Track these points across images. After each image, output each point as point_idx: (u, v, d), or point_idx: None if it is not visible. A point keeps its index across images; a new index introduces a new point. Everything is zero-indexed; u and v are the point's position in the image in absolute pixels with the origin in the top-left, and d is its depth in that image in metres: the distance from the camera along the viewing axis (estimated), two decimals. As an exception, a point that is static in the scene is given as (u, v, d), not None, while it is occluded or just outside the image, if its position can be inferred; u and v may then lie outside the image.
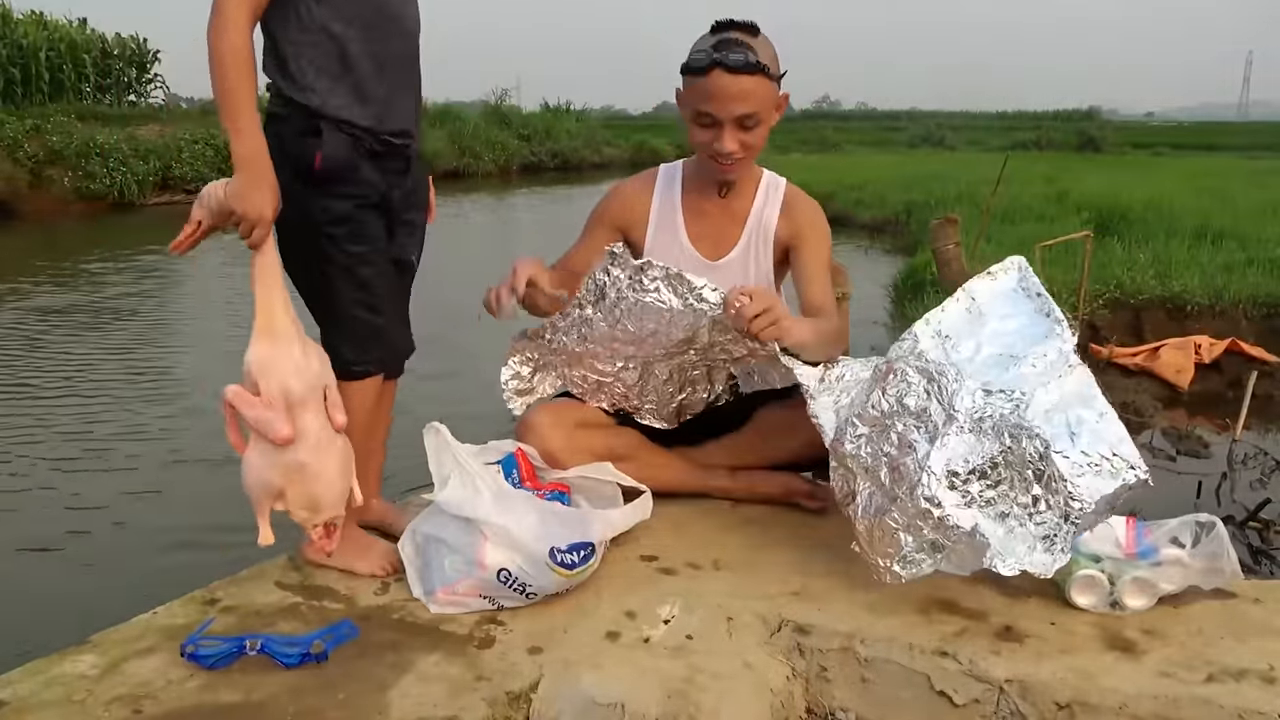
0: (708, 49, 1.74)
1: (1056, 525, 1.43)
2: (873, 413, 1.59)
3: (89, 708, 1.27)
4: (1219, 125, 56.63)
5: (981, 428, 1.49)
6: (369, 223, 1.63)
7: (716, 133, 1.79)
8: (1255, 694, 1.27)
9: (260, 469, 1.43)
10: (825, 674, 1.43)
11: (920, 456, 1.49)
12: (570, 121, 29.35)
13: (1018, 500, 1.45)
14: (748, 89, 1.74)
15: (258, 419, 1.41)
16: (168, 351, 5.94)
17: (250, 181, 1.46)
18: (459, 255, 8.49)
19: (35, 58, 18.37)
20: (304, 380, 1.44)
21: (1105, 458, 1.43)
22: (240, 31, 1.45)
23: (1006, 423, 1.47)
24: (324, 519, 1.49)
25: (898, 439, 1.55)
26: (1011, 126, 38.04)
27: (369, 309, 1.63)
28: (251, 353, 1.44)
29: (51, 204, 13.09)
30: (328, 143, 1.54)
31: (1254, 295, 5.54)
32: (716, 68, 1.72)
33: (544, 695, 1.33)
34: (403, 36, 1.65)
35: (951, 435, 1.49)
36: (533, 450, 1.80)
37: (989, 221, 6.83)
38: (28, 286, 7.85)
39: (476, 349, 5.33)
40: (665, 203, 1.98)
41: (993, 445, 1.47)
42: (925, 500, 1.45)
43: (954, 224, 4.13)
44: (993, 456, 1.46)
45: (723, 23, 1.80)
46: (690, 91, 1.79)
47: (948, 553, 1.47)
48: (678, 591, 1.57)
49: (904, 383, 1.58)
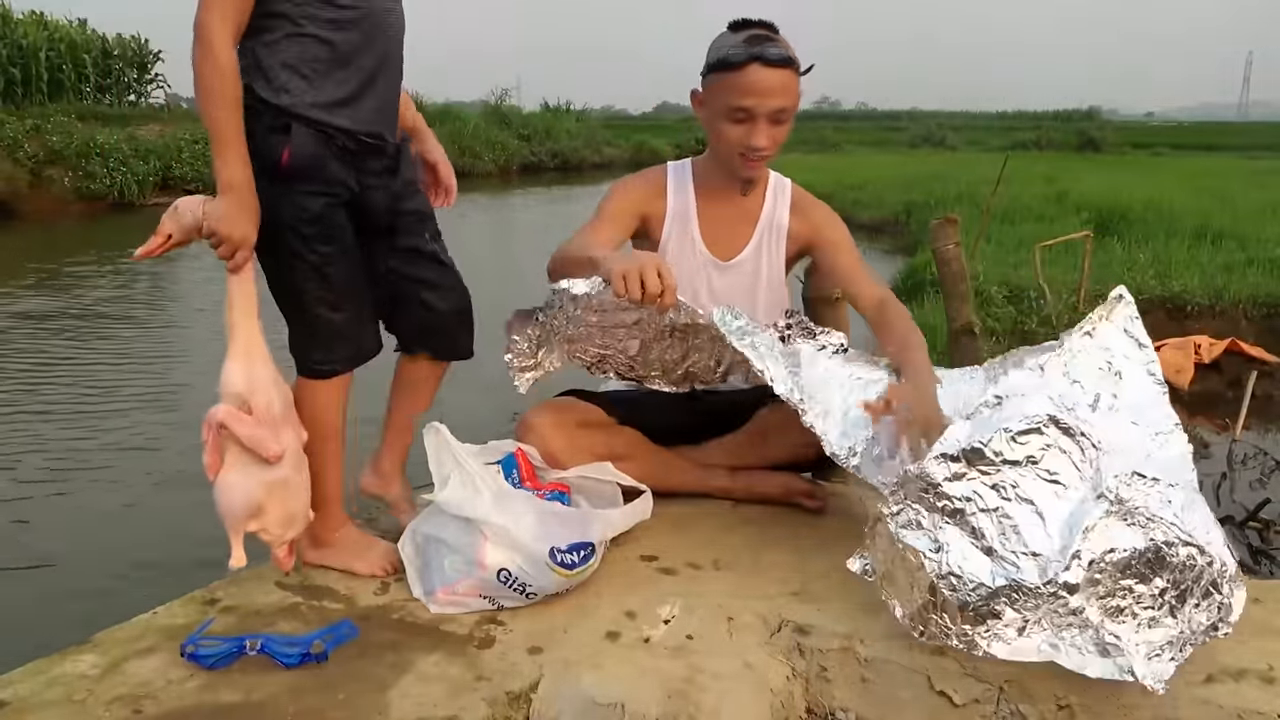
0: (741, 44, 1.73)
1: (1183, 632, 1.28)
2: (985, 450, 1.36)
3: (89, 708, 1.27)
4: (1219, 125, 56.67)
5: (1134, 519, 1.31)
6: (339, 223, 1.61)
7: (750, 128, 1.78)
8: (1255, 694, 1.27)
9: (243, 488, 1.46)
10: (825, 674, 1.43)
11: (1057, 533, 1.31)
12: (570, 121, 29.37)
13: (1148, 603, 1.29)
14: (784, 82, 1.75)
15: (251, 437, 1.45)
16: (167, 358, 5.94)
17: (235, 205, 1.47)
18: (459, 255, 8.43)
19: (35, 58, 18.37)
20: (284, 399, 1.52)
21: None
22: (227, 54, 1.45)
23: (1161, 521, 1.30)
24: (292, 536, 1.55)
25: (1013, 494, 1.34)
26: (1011, 126, 38.07)
27: (332, 308, 1.63)
28: (234, 373, 1.48)
29: (51, 204, 13.09)
30: (295, 139, 1.54)
31: (1254, 295, 5.55)
32: (754, 62, 1.72)
33: (544, 695, 1.33)
34: (384, 37, 1.64)
35: (1098, 517, 1.31)
36: (533, 450, 1.80)
37: (989, 221, 6.83)
38: (19, 290, 7.85)
39: (476, 349, 5.34)
40: (679, 203, 1.96)
41: (1141, 540, 1.29)
42: (1056, 585, 1.27)
43: (954, 224, 4.11)
44: (1143, 552, 1.28)
45: (743, 21, 1.80)
46: (721, 88, 1.78)
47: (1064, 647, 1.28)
48: (678, 591, 1.57)
49: (1037, 433, 1.38)
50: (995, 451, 1.36)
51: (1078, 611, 1.27)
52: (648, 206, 1.95)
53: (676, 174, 1.99)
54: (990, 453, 1.36)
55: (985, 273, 6.12)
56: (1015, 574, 1.28)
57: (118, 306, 7.25)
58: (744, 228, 1.97)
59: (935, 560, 1.30)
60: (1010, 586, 1.28)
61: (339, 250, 1.62)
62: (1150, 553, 1.28)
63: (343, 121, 1.58)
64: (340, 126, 1.57)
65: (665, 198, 1.96)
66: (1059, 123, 38.85)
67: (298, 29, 1.53)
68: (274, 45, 1.53)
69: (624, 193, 1.96)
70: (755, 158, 1.83)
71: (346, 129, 1.58)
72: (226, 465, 1.47)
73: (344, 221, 1.63)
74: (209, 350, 5.73)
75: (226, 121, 1.45)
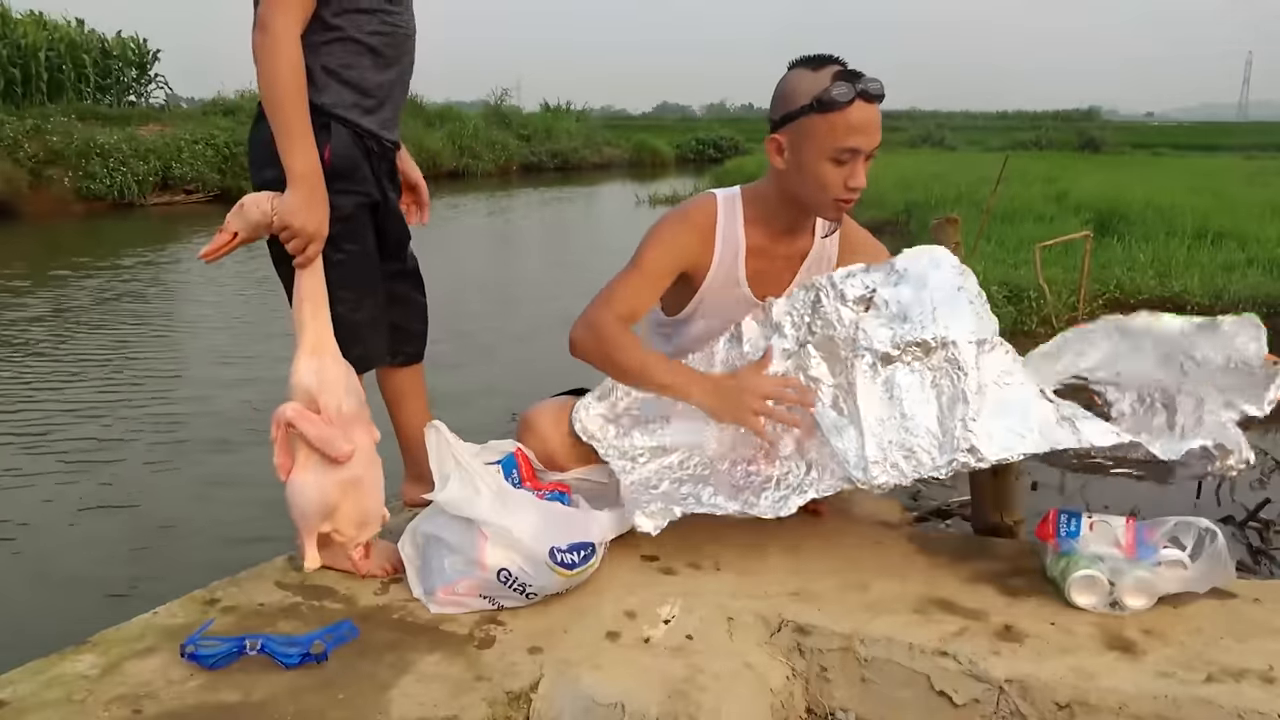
0: (840, 82, 1.64)
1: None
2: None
3: (89, 708, 1.27)
4: (1219, 125, 56.65)
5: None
6: (365, 223, 1.65)
7: (852, 168, 1.69)
8: (1255, 694, 1.27)
9: (317, 488, 1.45)
10: (825, 674, 1.43)
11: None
12: (570, 122, 29.38)
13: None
14: (879, 117, 1.69)
15: (320, 436, 1.44)
16: (168, 357, 5.94)
17: (307, 198, 1.47)
18: (459, 255, 8.50)
19: (35, 58, 18.39)
20: (356, 397, 1.50)
21: None
22: (294, 45, 1.47)
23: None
24: (366, 537, 1.54)
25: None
26: (1011, 126, 38.04)
27: (352, 308, 1.65)
28: (304, 370, 1.46)
29: (51, 204, 13.10)
30: (335, 138, 1.56)
31: (1254, 295, 5.55)
32: (859, 99, 1.64)
33: (544, 695, 1.33)
34: (409, 53, 1.69)
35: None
36: (532, 451, 1.80)
37: (989, 221, 6.83)
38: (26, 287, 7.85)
39: (477, 348, 5.34)
40: (728, 250, 1.82)
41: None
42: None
43: (954, 224, 4.11)
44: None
45: (816, 58, 1.70)
46: (822, 130, 1.66)
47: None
48: (678, 591, 1.57)
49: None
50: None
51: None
52: (694, 259, 1.82)
53: (727, 214, 1.83)
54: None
55: (985, 273, 6.11)
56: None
57: (111, 307, 7.25)
58: (787, 269, 1.88)
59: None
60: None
61: (362, 251, 1.64)
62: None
63: (371, 125, 1.61)
64: (369, 129, 1.60)
65: (714, 247, 1.82)
66: (1059, 123, 38.83)
67: (342, 34, 1.57)
68: (318, 48, 1.56)
69: (670, 243, 1.80)
70: (853, 198, 1.73)
71: (374, 132, 1.61)
72: (298, 465, 1.45)
73: (368, 222, 1.66)
74: (209, 351, 5.74)
75: (295, 114, 1.47)
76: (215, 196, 14.49)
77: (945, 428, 1.56)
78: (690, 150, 31.31)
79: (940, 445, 1.56)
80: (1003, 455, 1.53)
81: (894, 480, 1.56)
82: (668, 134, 33.79)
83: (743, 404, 1.68)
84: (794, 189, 1.76)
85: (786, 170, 1.74)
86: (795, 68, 1.72)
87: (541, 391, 1.97)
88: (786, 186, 1.77)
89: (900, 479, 1.56)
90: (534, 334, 5.82)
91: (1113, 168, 16.22)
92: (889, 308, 1.69)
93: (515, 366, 5.30)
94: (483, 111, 27.20)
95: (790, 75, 1.72)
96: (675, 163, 29.48)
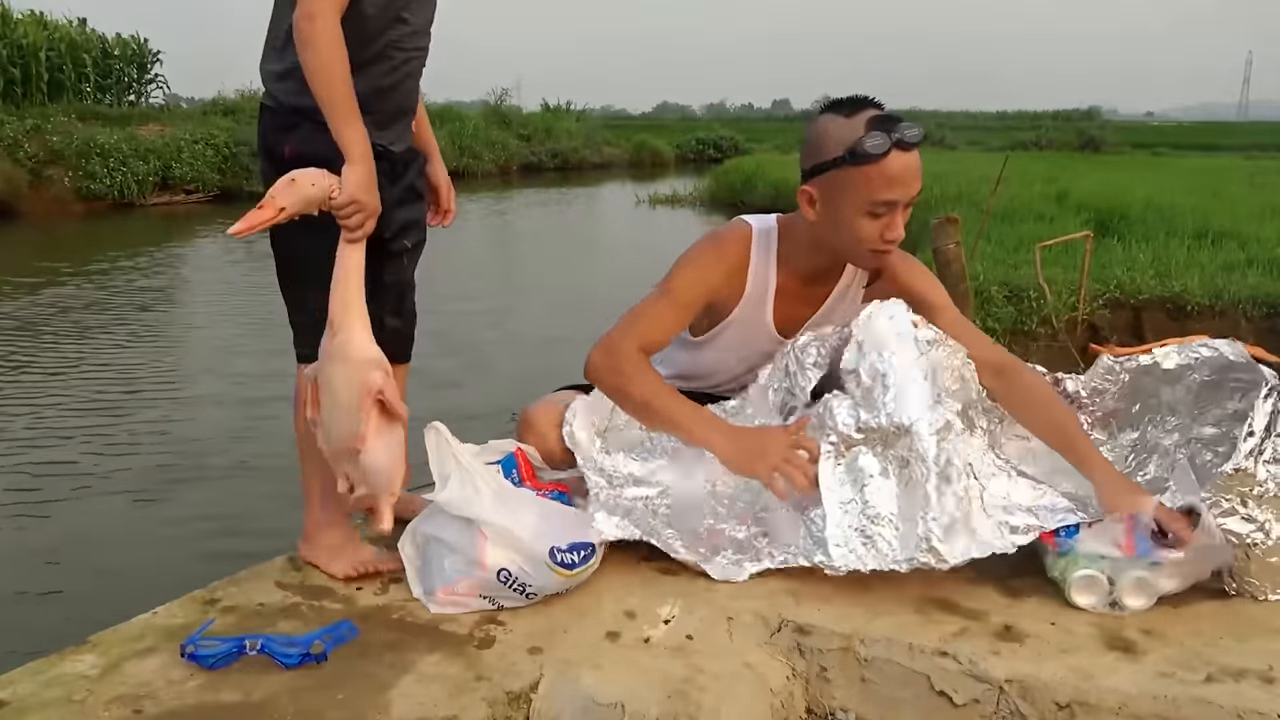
0: (875, 131, 1.56)
1: None
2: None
3: (89, 708, 1.27)
4: (1219, 125, 56.65)
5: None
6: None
7: (890, 219, 1.61)
8: (1255, 694, 1.27)
9: (390, 454, 1.48)
10: (825, 674, 1.43)
11: None
12: (570, 121, 29.39)
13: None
14: (919, 163, 1.61)
15: (395, 401, 1.48)
16: (173, 356, 5.94)
17: (369, 174, 1.50)
18: (459, 255, 8.49)
19: (35, 58, 18.38)
20: (387, 366, 1.52)
21: None
22: (338, 30, 1.49)
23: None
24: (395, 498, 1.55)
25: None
26: (1011, 126, 38.03)
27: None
28: (365, 344, 1.48)
29: (52, 204, 13.11)
30: (302, 133, 1.57)
31: (1254, 295, 5.56)
32: (895, 149, 1.56)
33: (544, 695, 1.33)
34: (423, 55, 1.69)
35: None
36: (533, 450, 1.80)
37: (989, 221, 6.83)
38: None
39: (477, 348, 5.34)
40: (758, 286, 1.77)
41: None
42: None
43: (954, 224, 4.12)
44: None
45: (848, 101, 1.64)
46: (858, 182, 1.58)
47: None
48: (678, 591, 1.57)
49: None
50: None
51: None
52: (724, 292, 1.77)
53: (761, 249, 1.76)
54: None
55: (985, 273, 6.12)
56: None
57: (107, 308, 7.25)
58: (809, 308, 1.82)
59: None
60: None
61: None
62: None
63: (381, 140, 1.63)
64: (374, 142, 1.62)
65: (745, 281, 1.77)
66: (1059, 123, 38.82)
67: (372, 44, 1.58)
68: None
69: (702, 273, 1.75)
70: (890, 250, 1.67)
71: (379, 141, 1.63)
72: (373, 432, 1.47)
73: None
74: (208, 350, 5.74)
75: (347, 95, 1.49)
76: (215, 196, 14.50)
77: (906, 518, 1.54)
78: (690, 150, 31.33)
79: (901, 538, 1.53)
80: (963, 560, 1.51)
81: (853, 565, 1.52)
82: (668, 134, 33.81)
83: (766, 461, 1.61)
84: (828, 240, 1.69)
85: (819, 222, 1.67)
86: (826, 112, 1.64)
87: (542, 391, 1.97)
88: (820, 236, 1.69)
89: (860, 565, 1.52)
90: (535, 334, 5.85)
91: (1113, 168, 16.23)
92: (856, 387, 1.62)
93: (516, 368, 5.31)
94: (483, 111, 27.22)
95: (821, 121, 1.64)
96: (675, 162, 29.49)
